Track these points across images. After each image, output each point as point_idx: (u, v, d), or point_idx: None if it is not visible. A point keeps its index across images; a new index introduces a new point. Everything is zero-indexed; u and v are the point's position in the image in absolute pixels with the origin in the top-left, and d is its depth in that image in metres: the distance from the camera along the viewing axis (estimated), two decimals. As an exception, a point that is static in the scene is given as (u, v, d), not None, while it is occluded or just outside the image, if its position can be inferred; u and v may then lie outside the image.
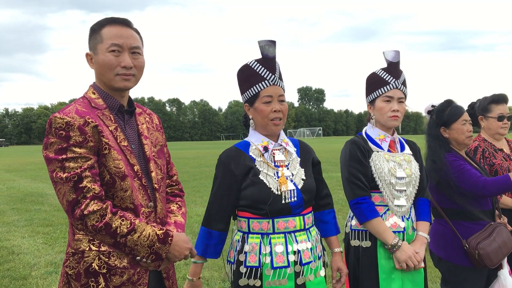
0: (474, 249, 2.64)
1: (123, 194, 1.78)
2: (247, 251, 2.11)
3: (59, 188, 1.69)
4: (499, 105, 3.23)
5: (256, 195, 2.09)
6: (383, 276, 2.34)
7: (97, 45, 1.83)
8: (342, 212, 8.23)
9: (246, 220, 2.15)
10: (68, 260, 1.75)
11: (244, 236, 2.15)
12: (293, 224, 2.12)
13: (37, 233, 7.13)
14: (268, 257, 2.07)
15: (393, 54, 2.47)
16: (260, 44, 2.15)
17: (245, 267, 2.09)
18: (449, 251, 2.78)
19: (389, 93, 2.44)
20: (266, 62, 2.15)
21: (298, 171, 2.20)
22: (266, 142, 2.19)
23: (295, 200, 2.12)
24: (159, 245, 1.78)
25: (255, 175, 2.11)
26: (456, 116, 2.82)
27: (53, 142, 1.69)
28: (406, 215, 2.43)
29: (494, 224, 2.76)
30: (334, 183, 12.27)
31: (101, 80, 1.87)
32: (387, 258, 2.36)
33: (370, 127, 2.56)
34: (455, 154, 2.82)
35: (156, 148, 2.00)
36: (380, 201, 2.42)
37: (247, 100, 2.18)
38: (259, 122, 2.18)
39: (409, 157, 2.51)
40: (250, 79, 2.16)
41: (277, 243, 2.09)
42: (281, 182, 2.11)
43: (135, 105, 1.99)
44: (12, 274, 5.11)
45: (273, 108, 2.13)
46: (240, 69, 2.23)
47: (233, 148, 2.23)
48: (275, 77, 2.15)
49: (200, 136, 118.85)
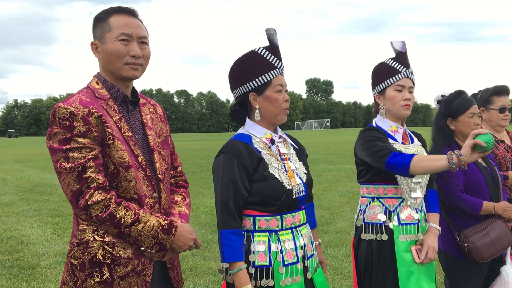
0: (463, 242, 2.64)
1: (127, 184, 1.78)
2: (256, 251, 1.98)
3: (63, 178, 1.69)
4: (501, 96, 3.21)
5: (269, 191, 1.98)
6: (403, 269, 2.31)
7: (105, 34, 1.82)
8: (350, 204, 8.22)
9: (251, 218, 2.02)
10: (73, 251, 1.75)
11: (249, 236, 2.01)
12: (299, 218, 2.09)
13: (46, 223, 7.20)
14: (279, 255, 1.99)
15: (401, 44, 2.45)
16: (269, 32, 2.09)
17: (253, 267, 1.98)
18: (446, 242, 2.78)
19: (401, 81, 2.41)
20: (275, 51, 2.09)
21: (298, 164, 2.17)
22: (270, 135, 2.10)
23: (303, 195, 2.08)
24: (163, 236, 1.78)
25: (265, 169, 2.00)
26: (463, 109, 2.77)
27: (57, 132, 1.69)
28: (419, 207, 2.42)
29: (492, 219, 2.72)
30: (342, 175, 12.24)
31: (107, 69, 1.86)
32: (406, 251, 2.34)
33: (380, 118, 2.50)
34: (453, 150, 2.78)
35: (160, 139, 1.99)
36: (394, 193, 2.39)
37: (255, 88, 2.05)
38: (271, 112, 2.06)
39: (421, 148, 2.50)
40: (260, 66, 2.05)
41: (286, 239, 2.02)
42: (290, 176, 2.05)
43: (139, 96, 1.98)
44: (21, 264, 5.16)
45: (284, 97, 2.07)
46: (245, 57, 2.11)
47: (235, 141, 2.05)
48: (283, 66, 2.11)
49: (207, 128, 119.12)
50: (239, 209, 1.98)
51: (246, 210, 2.03)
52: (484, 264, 2.72)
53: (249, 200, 2.01)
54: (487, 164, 2.83)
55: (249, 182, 1.99)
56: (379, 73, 2.49)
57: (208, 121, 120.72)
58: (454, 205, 2.70)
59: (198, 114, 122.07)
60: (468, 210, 2.68)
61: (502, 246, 2.68)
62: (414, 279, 2.32)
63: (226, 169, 1.99)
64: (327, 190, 9.81)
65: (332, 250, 5.43)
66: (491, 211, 2.70)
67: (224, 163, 2.00)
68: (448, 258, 2.79)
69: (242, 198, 1.98)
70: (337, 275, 4.56)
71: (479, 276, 2.76)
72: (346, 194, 9.21)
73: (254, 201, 2.01)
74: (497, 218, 2.73)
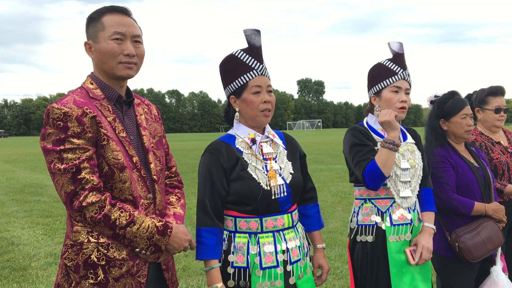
0: (454, 242, 2.65)
1: (122, 185, 1.77)
2: (234, 251, 2.00)
3: (57, 179, 1.67)
4: (496, 97, 3.20)
5: (244, 190, 1.98)
6: (394, 270, 2.31)
7: (98, 33, 1.80)
8: (342, 204, 8.24)
9: (232, 219, 2.03)
10: (67, 252, 1.74)
11: (231, 235, 2.02)
12: (282, 222, 2.04)
13: (37, 224, 7.13)
14: (257, 258, 1.98)
15: (398, 45, 2.43)
16: (246, 33, 2.06)
17: (232, 268, 1.99)
18: (438, 242, 2.78)
19: (398, 83, 2.39)
20: (253, 52, 2.06)
21: (286, 164, 2.12)
22: (253, 134, 2.09)
23: (284, 196, 2.04)
24: (158, 237, 1.77)
25: (243, 168, 2.01)
26: (456, 110, 2.78)
27: (51, 133, 1.67)
28: (412, 207, 2.41)
29: (482, 219, 2.74)
30: (334, 175, 12.28)
31: (101, 68, 1.84)
32: (397, 253, 2.33)
33: (372, 117, 2.50)
34: (446, 151, 2.79)
35: (155, 139, 1.98)
36: (385, 193, 2.38)
37: (234, 91, 2.07)
38: (248, 114, 2.06)
39: (412, 146, 2.48)
40: (237, 69, 2.05)
41: (266, 242, 2.00)
42: (271, 176, 2.02)
43: (133, 96, 1.97)
44: (12, 265, 5.11)
45: (262, 98, 2.04)
46: (224, 60, 2.12)
47: (218, 141, 2.09)
48: (263, 66, 2.08)
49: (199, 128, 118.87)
50: (216, 208, 1.99)
51: (227, 211, 2.05)
52: (475, 264, 2.74)
53: (228, 200, 2.02)
54: (479, 165, 2.85)
55: (227, 181, 2.01)
56: (376, 74, 2.47)
57: (200, 121, 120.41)
58: (446, 206, 2.71)
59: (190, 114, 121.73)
60: (460, 210, 2.70)
61: (493, 246, 2.70)
62: (408, 280, 2.32)
63: (204, 168, 2.03)
64: (319, 190, 9.83)
65: (325, 250, 5.43)
66: (482, 212, 2.72)
67: (203, 162, 2.05)
68: (439, 258, 2.80)
69: (219, 197, 1.99)
70: (330, 275, 4.57)
71: (470, 276, 2.78)
72: (338, 194, 9.24)
73: (232, 200, 2.02)
74: (488, 218, 2.75)
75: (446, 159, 2.76)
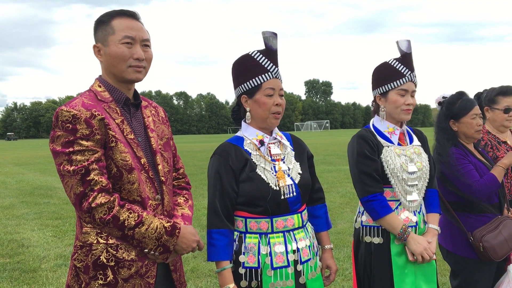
0: (478, 242, 2.63)
1: (130, 187, 1.78)
2: (245, 252, 2.02)
3: (66, 181, 1.69)
4: (506, 97, 3.17)
5: (254, 191, 2.00)
6: (397, 272, 2.31)
7: (108, 37, 1.82)
8: (350, 205, 8.22)
9: (243, 219, 2.05)
10: (76, 253, 1.76)
11: (241, 236, 2.04)
12: (292, 222, 2.06)
13: (46, 226, 7.19)
14: (268, 258, 1.99)
15: (407, 44, 2.38)
16: (265, 35, 2.08)
17: (243, 268, 2.01)
18: (456, 243, 2.77)
19: (404, 86, 2.36)
20: (269, 54, 2.09)
21: (294, 165, 2.14)
22: (261, 136, 2.11)
23: (294, 196, 2.06)
24: (166, 238, 1.78)
25: (252, 170, 2.03)
26: (466, 110, 2.77)
27: (60, 135, 1.69)
28: (417, 209, 2.40)
29: (501, 217, 2.73)
30: (342, 176, 12.25)
31: (110, 72, 1.86)
32: (400, 254, 2.33)
33: (378, 119, 2.47)
34: (461, 150, 2.78)
35: (163, 141, 2.00)
36: (391, 196, 2.37)
37: (246, 91, 2.09)
38: (259, 115, 2.09)
39: (419, 148, 2.47)
40: (252, 69, 2.07)
41: (276, 242, 2.01)
42: (279, 176, 2.04)
43: (141, 98, 1.99)
44: (22, 267, 5.15)
45: (275, 101, 2.06)
46: (239, 59, 2.13)
47: (226, 143, 2.12)
48: (278, 70, 2.10)
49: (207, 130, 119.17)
50: (226, 210, 2.02)
51: (238, 212, 2.07)
52: (493, 263, 2.73)
53: (238, 201, 2.04)
54: (490, 164, 2.86)
55: (236, 183, 2.03)
56: (383, 74, 2.42)
57: (208, 123, 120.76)
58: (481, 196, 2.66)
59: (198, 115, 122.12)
60: (494, 187, 2.66)
61: None
62: (410, 281, 2.31)
63: (214, 170, 2.06)
64: (327, 191, 9.80)
65: (333, 251, 5.41)
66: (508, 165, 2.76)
67: (213, 165, 2.08)
68: (459, 259, 2.78)
69: (229, 199, 2.02)
70: (339, 276, 4.56)
71: (489, 275, 2.77)
72: (347, 195, 9.22)
73: (242, 201, 2.04)
74: (506, 217, 2.75)
75: (463, 156, 2.75)
